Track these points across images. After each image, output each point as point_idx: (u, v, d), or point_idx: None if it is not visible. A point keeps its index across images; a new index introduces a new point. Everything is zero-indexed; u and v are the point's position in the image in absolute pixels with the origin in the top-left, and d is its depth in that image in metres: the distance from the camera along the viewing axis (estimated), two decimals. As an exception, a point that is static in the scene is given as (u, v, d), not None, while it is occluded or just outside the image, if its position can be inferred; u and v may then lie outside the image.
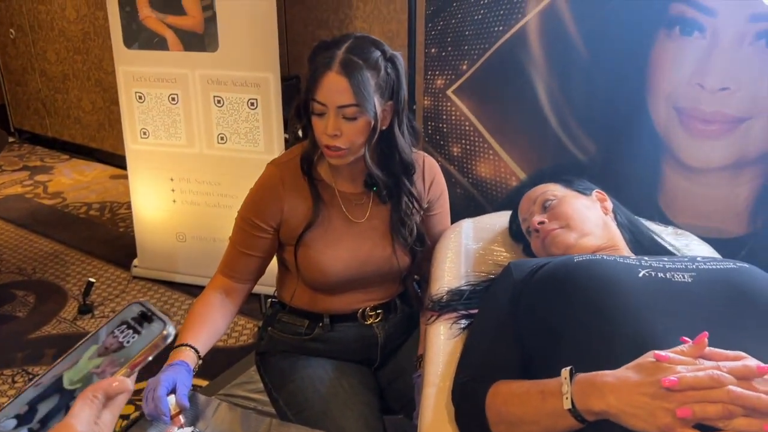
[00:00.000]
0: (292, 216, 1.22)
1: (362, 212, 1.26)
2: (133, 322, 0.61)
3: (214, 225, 2.51)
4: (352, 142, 1.12)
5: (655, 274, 0.85)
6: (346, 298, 1.29)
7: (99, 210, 3.48)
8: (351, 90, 1.07)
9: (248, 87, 2.29)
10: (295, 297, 1.31)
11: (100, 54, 3.87)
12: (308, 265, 1.23)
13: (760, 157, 1.64)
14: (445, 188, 1.37)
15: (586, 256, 0.91)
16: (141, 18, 2.32)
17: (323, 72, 1.08)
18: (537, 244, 1.15)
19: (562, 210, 1.12)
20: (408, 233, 1.24)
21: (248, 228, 1.23)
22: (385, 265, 1.26)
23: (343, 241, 1.24)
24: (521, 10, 1.83)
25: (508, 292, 0.95)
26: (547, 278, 0.90)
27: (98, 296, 2.59)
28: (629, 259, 0.90)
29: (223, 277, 1.27)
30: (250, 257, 1.25)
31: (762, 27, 1.53)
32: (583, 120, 1.84)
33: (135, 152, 2.53)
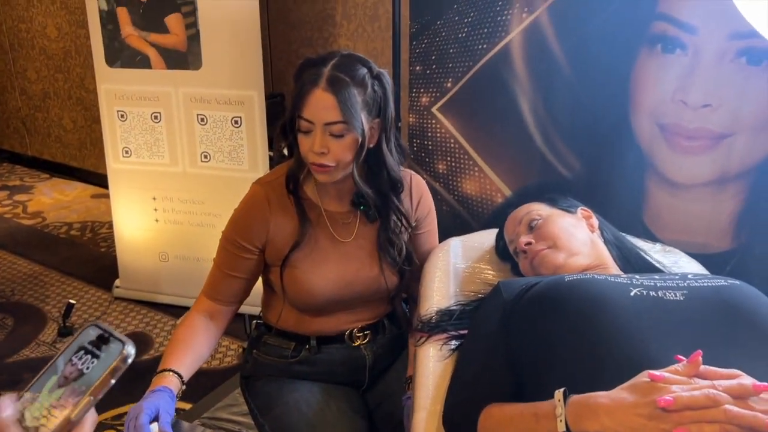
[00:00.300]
0: (278, 236, 1.20)
1: (349, 232, 1.24)
2: (90, 346, 0.59)
3: (197, 244, 2.48)
4: (339, 159, 1.11)
5: (646, 292, 0.84)
6: (334, 320, 1.27)
7: (80, 230, 3.43)
8: (338, 107, 1.06)
9: (232, 105, 2.28)
10: (281, 319, 1.29)
11: (82, 72, 3.84)
12: (294, 286, 1.21)
13: (743, 172, 1.65)
14: (433, 206, 1.36)
15: (577, 275, 0.91)
16: (123, 36, 2.30)
17: (310, 89, 1.07)
18: (525, 265, 1.14)
19: (548, 230, 1.12)
20: (396, 252, 1.23)
21: (233, 249, 1.21)
22: (372, 285, 1.24)
23: (329, 262, 1.22)
24: (505, 28, 1.84)
25: (497, 313, 0.94)
26: (538, 298, 0.89)
27: (79, 318, 2.54)
28: (620, 278, 0.89)
29: (207, 300, 1.24)
30: (235, 279, 1.23)
31: (742, 44, 1.55)
32: (568, 136, 1.84)
33: (117, 171, 2.50)
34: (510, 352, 0.90)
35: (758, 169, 1.63)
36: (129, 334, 2.43)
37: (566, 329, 0.83)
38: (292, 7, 2.83)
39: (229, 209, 1.26)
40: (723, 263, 1.72)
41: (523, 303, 0.91)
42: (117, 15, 2.27)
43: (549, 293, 0.88)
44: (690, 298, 0.84)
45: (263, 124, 2.28)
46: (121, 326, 2.49)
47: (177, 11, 2.21)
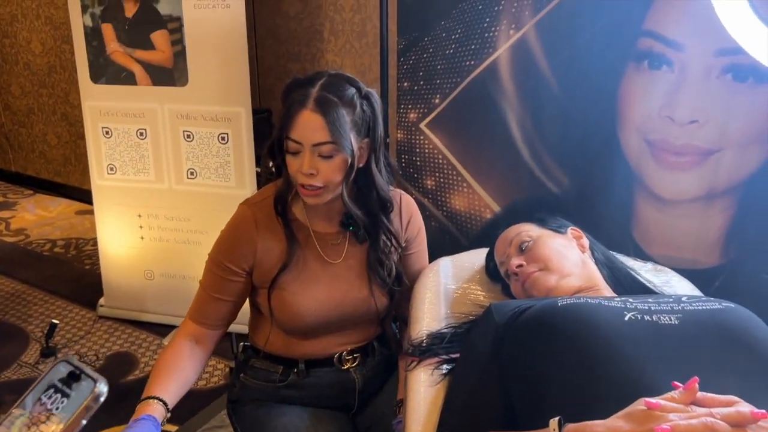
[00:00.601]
0: (266, 258, 1.18)
1: (338, 253, 1.23)
2: (60, 384, 0.56)
3: (183, 262, 2.45)
4: (328, 180, 1.09)
5: (641, 316, 0.83)
6: (322, 342, 1.25)
7: (64, 247, 3.38)
8: (327, 127, 1.05)
9: (219, 121, 2.26)
10: (269, 342, 1.26)
11: (67, 87, 3.81)
12: (282, 308, 1.19)
13: (731, 188, 1.66)
14: (423, 226, 1.35)
15: (570, 299, 0.89)
16: (108, 52, 2.28)
17: (298, 110, 1.06)
18: (517, 287, 1.13)
19: (539, 252, 1.11)
20: (386, 273, 1.21)
21: (219, 271, 1.19)
22: (362, 306, 1.22)
23: (318, 283, 1.20)
24: (492, 44, 1.84)
25: (489, 337, 0.92)
26: (530, 323, 0.88)
27: (62, 338, 2.49)
28: (614, 302, 0.88)
29: (193, 323, 1.22)
30: (222, 302, 1.20)
31: (728, 61, 1.56)
32: (556, 152, 1.84)
33: (101, 188, 2.47)
34: (503, 377, 0.88)
35: (746, 185, 1.63)
36: (113, 354, 2.39)
37: (560, 355, 0.81)
38: (280, 22, 2.83)
39: (215, 227, 1.24)
40: (712, 279, 1.72)
41: (516, 327, 0.89)
42: (102, 31, 2.25)
43: (542, 318, 0.87)
44: (685, 322, 0.83)
45: (250, 140, 2.27)
46: (105, 346, 2.44)
47: (163, 28, 2.20)
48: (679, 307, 0.85)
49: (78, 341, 2.47)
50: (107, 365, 2.32)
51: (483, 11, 1.84)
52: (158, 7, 2.18)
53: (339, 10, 2.64)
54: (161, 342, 2.46)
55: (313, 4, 2.70)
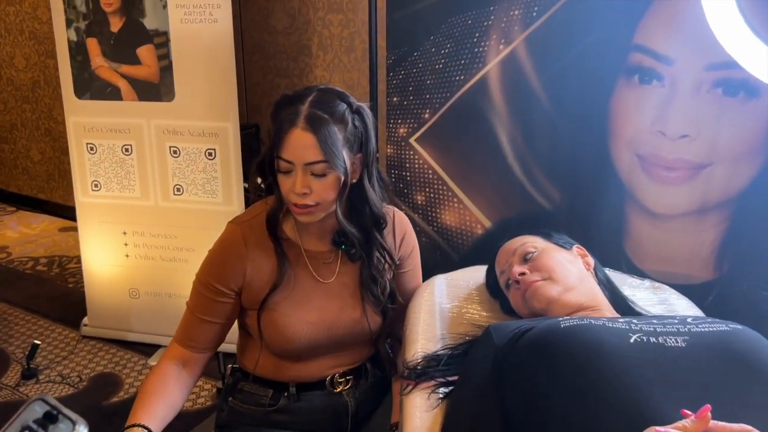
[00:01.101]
0: (256, 278, 1.15)
1: (330, 272, 1.19)
2: (35, 425, 0.50)
3: (169, 280, 2.40)
4: (322, 198, 1.07)
5: (646, 338, 0.81)
6: (314, 365, 1.21)
7: (47, 265, 3.32)
8: (318, 146, 1.02)
9: (206, 137, 2.23)
10: (259, 365, 1.22)
11: (51, 103, 3.76)
12: (273, 330, 1.15)
13: (723, 202, 1.65)
14: (417, 244, 1.32)
15: (573, 320, 0.87)
16: (93, 67, 2.24)
17: (288, 128, 1.03)
18: (517, 297, 1.09)
19: (543, 262, 1.08)
20: (380, 291, 1.18)
21: (207, 293, 1.15)
22: (355, 327, 1.19)
23: (310, 303, 1.17)
24: (482, 59, 1.84)
25: (488, 359, 0.89)
26: (532, 345, 0.85)
27: (44, 359, 2.42)
28: (618, 323, 0.85)
29: (179, 347, 1.17)
30: (210, 324, 1.17)
31: (718, 75, 1.56)
32: (547, 167, 1.83)
33: (85, 205, 2.42)
34: (503, 401, 0.85)
35: (738, 199, 1.63)
36: (97, 375, 2.33)
37: (563, 379, 0.78)
38: (268, 37, 2.81)
39: (202, 244, 1.21)
40: (705, 294, 1.71)
41: (517, 349, 0.86)
42: (87, 46, 2.22)
43: (544, 340, 0.84)
44: (692, 345, 0.80)
45: (238, 156, 2.24)
46: (89, 366, 2.38)
47: (149, 42, 2.17)
48: (686, 329, 0.83)
49: (60, 362, 2.41)
50: (91, 386, 2.26)
51: (472, 26, 1.84)
52: (144, 21, 2.16)
53: (327, 25, 2.63)
54: (147, 362, 2.40)
55: (302, 19, 2.69)
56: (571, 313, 1.01)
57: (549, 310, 1.03)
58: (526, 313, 1.09)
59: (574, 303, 1.02)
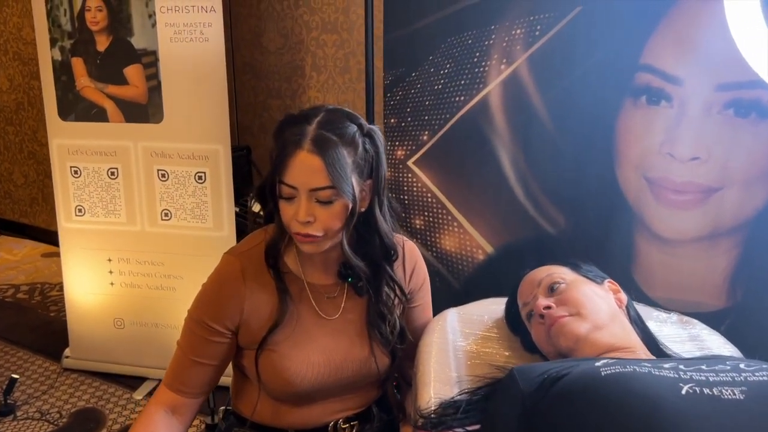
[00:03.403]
0: (254, 316, 1.05)
1: (335, 307, 1.10)
2: None
3: (156, 310, 2.29)
4: (327, 228, 0.97)
5: (699, 389, 0.72)
6: (317, 409, 1.11)
7: (28, 292, 3.19)
8: (325, 170, 0.93)
9: (196, 159, 2.15)
10: (256, 411, 1.12)
11: (35, 125, 3.67)
12: (272, 372, 1.05)
13: (736, 227, 1.60)
14: (427, 275, 1.22)
15: (614, 367, 0.78)
16: (78, 88, 2.16)
17: (293, 150, 0.94)
18: (540, 332, 1.01)
19: (572, 295, 0.99)
20: (389, 330, 1.08)
21: (201, 332, 1.05)
22: (362, 368, 1.09)
23: (313, 343, 1.07)
24: (483, 79, 1.79)
25: (515, 408, 0.80)
26: (569, 395, 0.76)
27: (23, 393, 2.30)
28: (664, 369, 0.77)
29: (168, 392, 1.07)
30: (203, 366, 1.06)
31: (729, 96, 1.52)
32: (551, 191, 1.78)
33: (69, 231, 2.32)
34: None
35: (752, 224, 1.58)
36: (79, 410, 2.21)
37: None
38: (259, 57, 2.75)
39: (191, 271, 1.11)
40: (718, 323, 1.64)
41: (549, 399, 0.77)
42: (72, 66, 2.14)
43: (584, 390, 0.75)
44: (751, 397, 0.72)
45: (229, 179, 2.15)
46: (70, 401, 2.26)
47: (137, 62, 2.10)
48: (741, 378, 0.74)
49: (40, 397, 2.29)
50: (72, 423, 2.14)
51: (473, 45, 1.79)
52: (132, 40, 2.09)
53: (321, 45, 2.58)
54: (131, 396, 2.29)
55: (294, 39, 2.63)
56: (602, 354, 0.92)
57: (576, 349, 0.94)
58: (550, 351, 1.00)
59: (603, 343, 0.93)
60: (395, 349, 1.11)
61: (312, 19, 2.57)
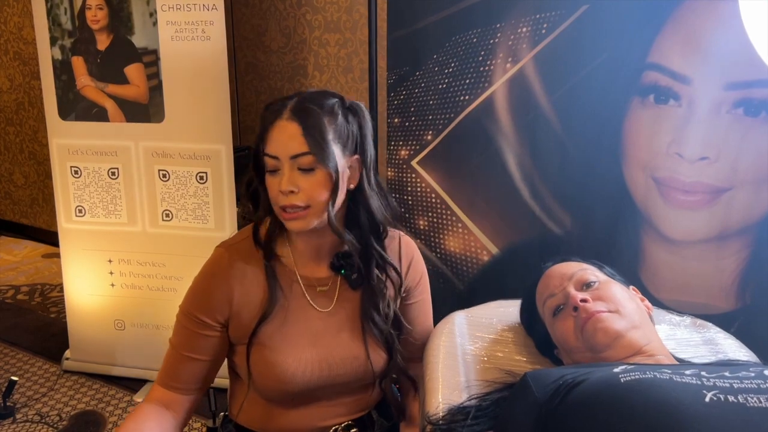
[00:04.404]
0: (244, 308, 1.02)
1: (328, 300, 1.07)
2: None
3: (157, 311, 2.27)
4: (311, 198, 0.95)
5: (723, 397, 0.69)
6: (311, 413, 1.08)
7: (28, 294, 3.17)
8: (303, 136, 0.93)
9: (197, 159, 2.12)
10: (243, 409, 1.09)
11: (35, 125, 3.65)
12: (263, 368, 1.02)
13: (746, 228, 1.57)
14: (425, 271, 1.19)
15: (633, 372, 0.75)
16: (78, 87, 2.14)
17: (273, 121, 0.95)
18: (568, 326, 0.96)
19: (609, 293, 0.96)
20: (383, 318, 1.06)
21: (191, 326, 1.03)
22: (358, 366, 1.06)
23: (305, 336, 1.04)
24: (488, 79, 1.77)
25: (531, 415, 0.78)
26: (586, 402, 0.73)
27: (22, 396, 2.28)
28: (686, 376, 0.74)
29: (161, 389, 1.04)
30: (194, 362, 1.04)
31: (739, 95, 1.50)
32: (557, 191, 1.76)
33: (69, 232, 2.30)
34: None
35: (761, 225, 1.55)
36: (79, 413, 2.19)
37: None
38: (261, 57, 2.73)
39: (192, 272, 1.09)
40: (727, 325, 1.60)
41: (566, 407, 0.74)
42: (72, 65, 2.12)
43: (603, 397, 0.72)
44: None
45: (231, 179, 2.13)
46: (70, 404, 2.24)
47: (138, 61, 2.08)
48: (767, 385, 0.72)
49: (40, 399, 2.26)
50: (71, 426, 2.12)
51: (478, 44, 1.77)
52: (133, 39, 2.06)
53: (324, 45, 2.55)
54: (132, 399, 2.26)
55: (297, 38, 2.61)
56: (629, 357, 0.89)
57: (612, 346, 0.91)
58: (577, 347, 0.96)
59: (636, 344, 0.90)
60: (391, 342, 1.08)
61: (314, 18, 2.55)
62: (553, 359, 1.03)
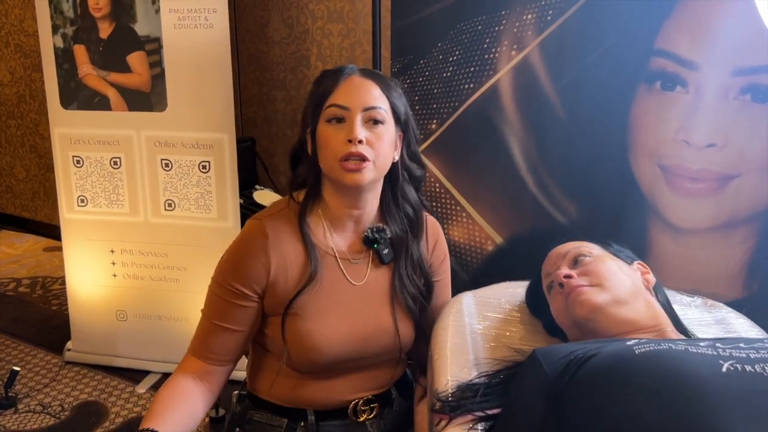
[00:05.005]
0: (281, 278, 1.02)
1: (360, 274, 1.08)
2: None
3: (159, 302, 2.26)
4: (377, 150, 0.98)
5: (741, 366, 0.68)
6: (339, 385, 1.08)
7: (29, 286, 3.16)
8: (380, 90, 0.99)
9: (200, 149, 2.11)
10: (276, 384, 1.08)
11: (36, 118, 3.64)
12: (298, 338, 1.02)
13: (753, 216, 1.56)
14: (448, 252, 1.21)
15: (648, 344, 0.74)
16: (80, 76, 2.13)
17: (344, 77, 0.99)
18: (558, 302, 0.98)
19: (595, 268, 0.96)
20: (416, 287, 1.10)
21: (227, 296, 1.02)
22: (386, 340, 1.07)
23: (339, 307, 1.04)
24: (492, 66, 1.75)
25: (542, 391, 0.76)
26: (599, 376, 0.72)
27: (24, 386, 2.27)
28: (701, 347, 0.73)
29: (195, 359, 1.04)
30: (230, 333, 1.03)
31: (746, 81, 1.49)
32: (562, 181, 1.75)
33: (71, 222, 2.29)
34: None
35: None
36: (81, 403, 2.18)
37: (646, 418, 0.66)
38: (264, 48, 2.72)
39: (195, 262, 1.08)
40: (733, 314, 1.61)
41: (578, 381, 0.73)
42: (74, 53, 2.11)
43: (616, 371, 0.71)
44: None
45: (234, 169, 2.12)
46: (72, 395, 2.23)
47: (140, 49, 2.06)
48: None
49: (41, 390, 2.25)
50: (73, 417, 2.11)
51: (482, 32, 1.76)
52: (135, 27, 2.05)
53: (327, 35, 2.54)
54: (134, 390, 2.25)
55: (299, 29, 2.60)
56: (624, 333, 0.88)
57: (591, 319, 0.91)
58: (567, 324, 0.97)
59: (624, 319, 0.90)
60: (419, 319, 1.10)
61: (317, 8, 2.54)
62: (562, 338, 1.03)
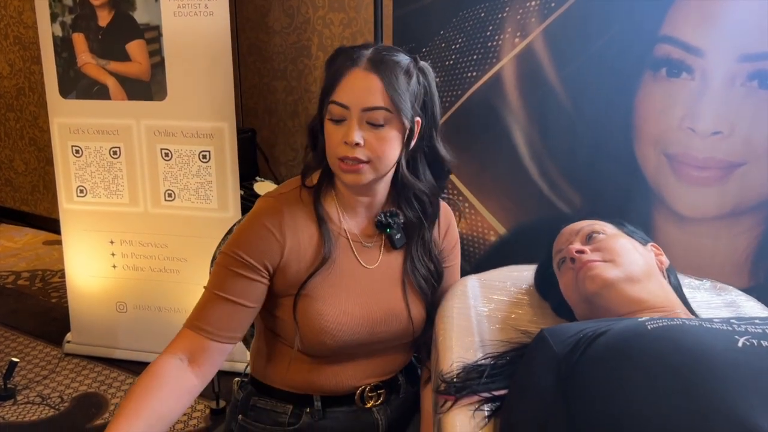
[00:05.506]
0: (293, 258, 0.99)
1: (372, 257, 1.05)
2: None
3: (159, 293, 2.25)
4: (375, 154, 0.93)
5: (757, 342, 0.67)
6: (348, 371, 1.06)
7: (29, 279, 3.15)
8: (383, 90, 0.91)
9: (200, 138, 2.09)
10: (289, 373, 1.06)
11: (36, 111, 3.62)
12: (309, 319, 0.99)
13: (759, 204, 1.54)
14: (458, 238, 1.19)
15: (662, 320, 0.73)
16: (79, 65, 2.11)
17: (348, 68, 0.92)
18: (569, 278, 0.95)
19: (609, 244, 0.94)
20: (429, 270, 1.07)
21: (232, 265, 0.96)
22: (397, 324, 1.05)
23: (351, 290, 1.02)
24: (496, 54, 1.74)
25: (551, 371, 0.75)
26: (611, 352, 0.70)
27: (23, 378, 2.26)
28: (715, 323, 0.72)
29: (188, 332, 0.95)
30: (230, 305, 0.96)
31: (753, 67, 1.47)
32: (566, 170, 1.73)
33: (70, 212, 2.27)
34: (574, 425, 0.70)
35: (776, 201, 1.52)
36: (80, 395, 2.17)
37: (661, 393, 0.64)
38: (264, 38, 2.70)
39: (195, 253, 1.05)
40: (739, 303, 1.59)
41: (590, 358, 0.71)
42: (73, 42, 2.09)
43: (628, 347, 0.69)
44: None
45: (234, 158, 2.10)
46: (71, 386, 2.22)
47: (140, 37, 2.05)
48: None
49: (41, 381, 2.24)
50: (73, 408, 2.10)
51: (485, 19, 1.74)
52: (135, 15, 2.03)
53: (328, 25, 2.52)
54: (134, 381, 2.24)
55: (300, 18, 2.58)
56: (634, 313, 0.87)
57: (601, 294, 0.89)
58: (576, 300, 0.95)
59: (635, 298, 0.88)
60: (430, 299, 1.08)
61: (318, -3, 2.52)
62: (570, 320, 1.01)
